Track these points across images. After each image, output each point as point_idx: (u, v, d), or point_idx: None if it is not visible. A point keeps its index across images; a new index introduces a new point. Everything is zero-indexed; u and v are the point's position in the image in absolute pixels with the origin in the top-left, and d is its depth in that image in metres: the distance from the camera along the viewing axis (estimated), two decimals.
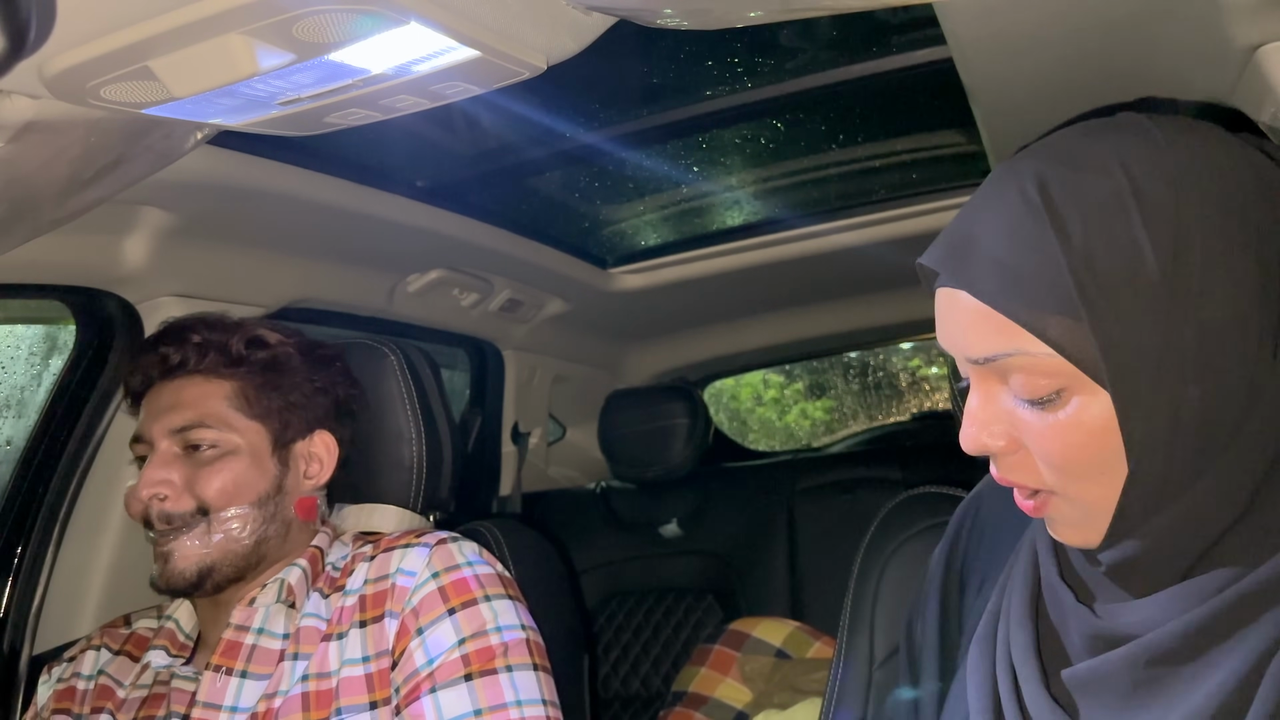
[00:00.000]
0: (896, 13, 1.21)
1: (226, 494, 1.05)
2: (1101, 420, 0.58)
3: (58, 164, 0.90)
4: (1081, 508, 0.62)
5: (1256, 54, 0.82)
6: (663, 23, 0.81)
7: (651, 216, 1.96)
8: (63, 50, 0.70)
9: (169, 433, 1.06)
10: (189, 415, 1.06)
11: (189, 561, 1.03)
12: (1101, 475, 0.60)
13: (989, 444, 0.64)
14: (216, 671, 1.03)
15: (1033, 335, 0.58)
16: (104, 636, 1.15)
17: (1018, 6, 0.87)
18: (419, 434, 1.27)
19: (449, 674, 0.99)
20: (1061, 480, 0.62)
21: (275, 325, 1.18)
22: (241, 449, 1.07)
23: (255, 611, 1.06)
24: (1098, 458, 0.59)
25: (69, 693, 1.11)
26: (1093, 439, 0.59)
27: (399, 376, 1.29)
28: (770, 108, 1.49)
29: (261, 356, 1.12)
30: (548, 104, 1.39)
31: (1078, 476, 0.61)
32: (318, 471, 1.14)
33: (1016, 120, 1.19)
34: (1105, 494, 0.60)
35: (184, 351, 1.09)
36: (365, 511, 1.27)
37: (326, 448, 1.16)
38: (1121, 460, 0.59)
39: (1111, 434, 0.58)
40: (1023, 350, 0.59)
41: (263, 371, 1.11)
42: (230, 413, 1.08)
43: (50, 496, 1.33)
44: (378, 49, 0.73)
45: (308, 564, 1.10)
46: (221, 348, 1.10)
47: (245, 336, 1.12)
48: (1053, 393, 0.59)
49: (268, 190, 1.22)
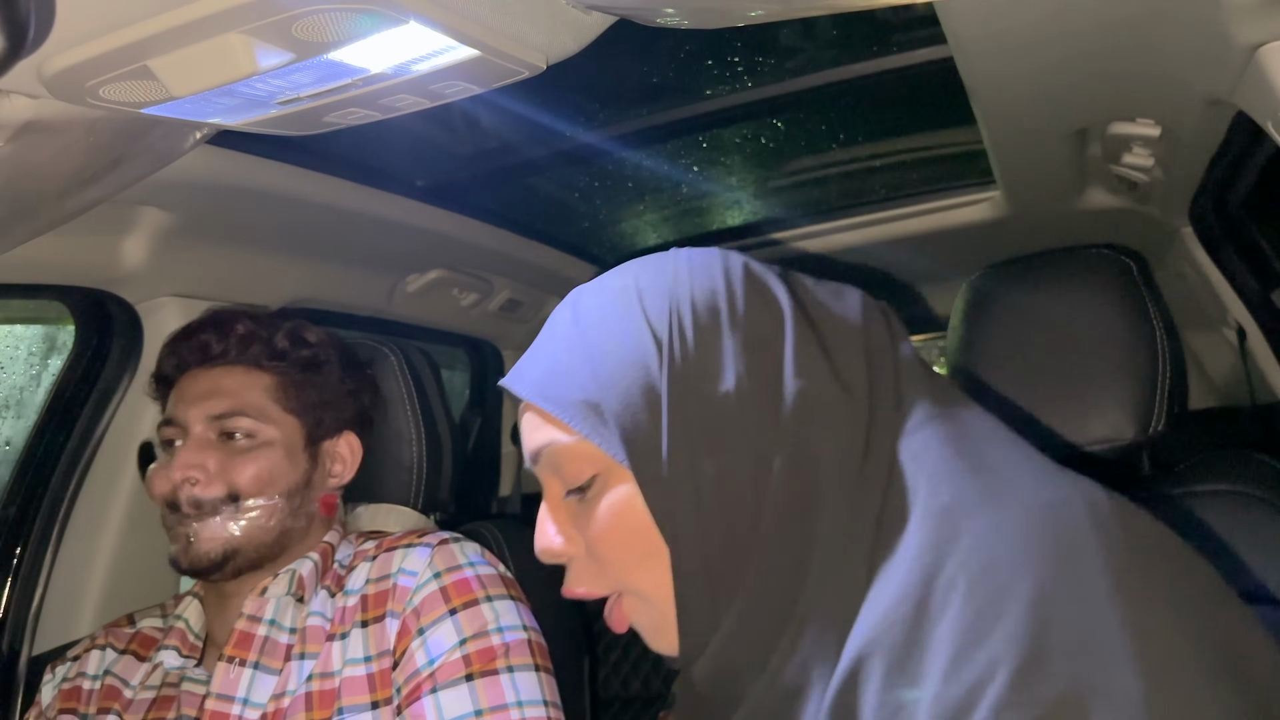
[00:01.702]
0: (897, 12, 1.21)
1: (259, 482, 1.06)
2: (635, 502, 0.63)
3: (57, 164, 0.90)
4: (651, 605, 0.65)
5: (1257, 54, 0.82)
6: (663, 22, 0.81)
7: (651, 216, 1.96)
8: (62, 50, 0.70)
9: (206, 419, 1.07)
10: (228, 403, 1.07)
11: (215, 543, 1.04)
12: (648, 560, 0.63)
13: (555, 544, 0.68)
14: (230, 663, 1.04)
15: (564, 425, 0.65)
16: (108, 636, 1.15)
17: (1018, 6, 0.86)
18: (419, 434, 1.27)
19: (450, 674, 0.98)
20: (619, 573, 0.65)
21: (314, 326, 1.20)
22: (276, 441, 1.09)
23: (267, 602, 1.07)
24: (640, 542, 0.63)
25: (74, 693, 1.11)
26: (631, 521, 0.63)
27: (399, 377, 1.29)
28: (770, 107, 1.48)
29: (303, 354, 1.14)
30: (548, 103, 1.39)
31: (631, 566, 0.64)
32: (341, 471, 1.16)
33: (1016, 120, 1.19)
34: (662, 583, 0.63)
35: (227, 341, 1.11)
36: (377, 512, 1.27)
37: (351, 449, 1.18)
38: (664, 545, 0.62)
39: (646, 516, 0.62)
40: (555, 440, 0.66)
41: (303, 368, 1.13)
42: (269, 404, 1.10)
43: (49, 497, 1.33)
44: (377, 48, 0.73)
45: (319, 558, 1.11)
46: (266, 341, 1.12)
47: (289, 332, 1.14)
48: (589, 479, 0.65)
49: (267, 190, 1.22)
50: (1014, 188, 1.53)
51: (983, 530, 0.53)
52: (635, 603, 0.66)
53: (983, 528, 0.53)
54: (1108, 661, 0.46)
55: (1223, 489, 1.08)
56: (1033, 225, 1.65)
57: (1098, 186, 1.52)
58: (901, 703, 0.51)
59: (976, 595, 0.50)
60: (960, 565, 0.52)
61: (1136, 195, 1.48)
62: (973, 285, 1.24)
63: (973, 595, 0.50)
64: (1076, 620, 0.47)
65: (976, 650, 0.48)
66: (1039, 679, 0.46)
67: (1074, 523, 0.51)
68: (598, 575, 0.67)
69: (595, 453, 0.64)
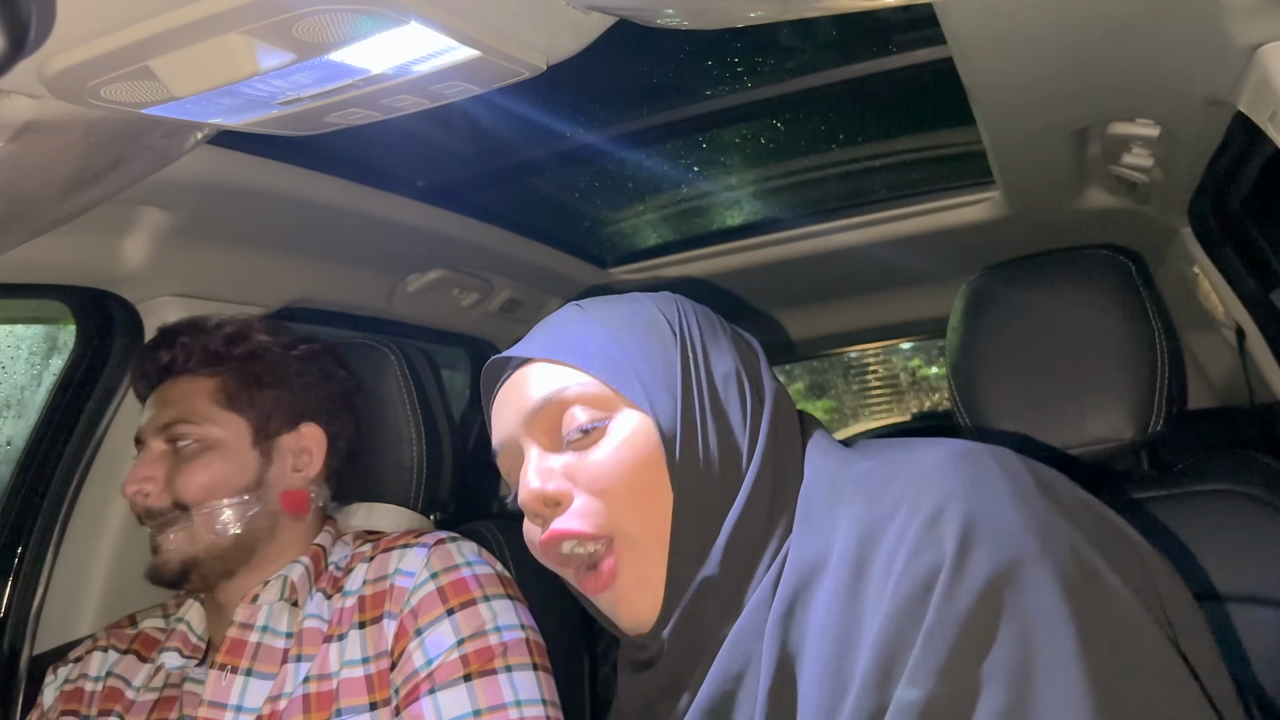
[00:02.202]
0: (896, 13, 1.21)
1: (204, 489, 1.06)
2: (644, 438, 0.70)
3: (58, 164, 0.90)
4: (641, 552, 0.70)
5: (1257, 54, 0.82)
6: (663, 22, 0.81)
7: (651, 216, 1.96)
8: (63, 50, 0.70)
9: (155, 430, 1.09)
10: (172, 412, 1.09)
11: (173, 555, 1.05)
12: (650, 501, 0.69)
13: (550, 491, 0.71)
14: (222, 670, 1.04)
15: (581, 370, 0.72)
16: (110, 637, 1.15)
17: (1018, 6, 0.87)
18: (419, 434, 1.27)
19: (448, 674, 0.98)
20: (618, 513, 0.70)
21: (267, 323, 1.19)
22: (222, 443, 1.09)
23: (259, 609, 1.07)
24: (645, 482, 0.69)
25: (77, 694, 1.11)
26: (639, 455, 0.70)
27: (399, 376, 1.29)
28: (770, 108, 1.49)
29: (240, 352, 1.14)
30: (548, 104, 1.39)
31: (632, 505, 0.69)
32: (306, 464, 1.15)
33: (1016, 120, 1.20)
34: (657, 525, 0.69)
35: (173, 353, 1.13)
36: (369, 510, 1.27)
37: (315, 440, 1.16)
38: (666, 489, 0.69)
39: (654, 456, 0.70)
40: (569, 384, 0.72)
41: (243, 367, 1.13)
42: (210, 408, 1.10)
43: (50, 496, 1.33)
44: (377, 49, 0.73)
45: (310, 561, 1.11)
46: (203, 347, 1.13)
47: (224, 334, 1.15)
48: (599, 419, 0.71)
49: (268, 190, 1.22)
50: (1013, 188, 1.54)
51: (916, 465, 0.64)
52: (626, 550, 0.70)
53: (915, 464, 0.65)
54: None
55: (1222, 489, 1.08)
56: (1032, 225, 1.65)
57: (1097, 187, 1.52)
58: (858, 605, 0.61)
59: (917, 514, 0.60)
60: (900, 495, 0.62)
61: (1136, 195, 1.48)
62: (972, 285, 1.24)
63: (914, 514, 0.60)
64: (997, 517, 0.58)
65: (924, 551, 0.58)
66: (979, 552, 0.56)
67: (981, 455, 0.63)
68: (593, 513, 0.70)
69: (607, 396, 0.72)
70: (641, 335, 0.75)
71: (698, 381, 0.72)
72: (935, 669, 0.55)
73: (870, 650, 0.58)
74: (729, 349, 0.77)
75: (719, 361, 0.75)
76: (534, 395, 0.74)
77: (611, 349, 0.73)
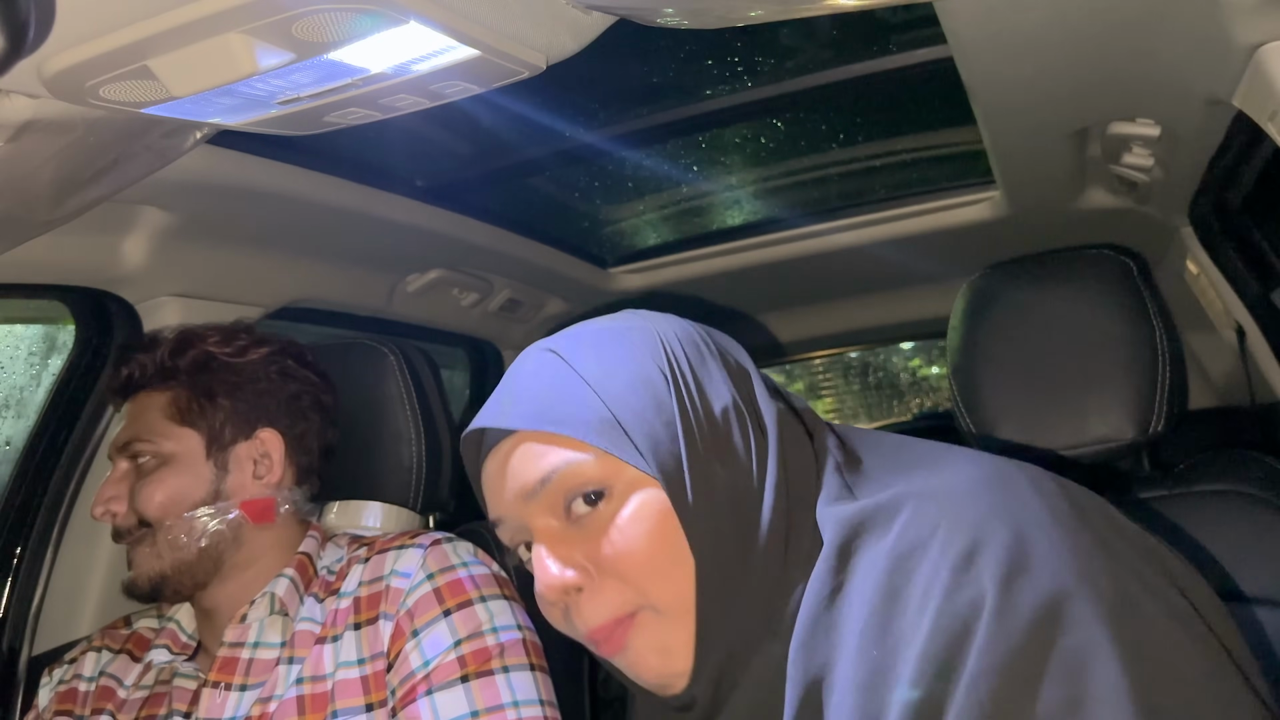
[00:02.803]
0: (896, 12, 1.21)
1: (162, 505, 1.06)
2: (655, 506, 0.66)
3: (57, 163, 0.90)
4: (666, 620, 0.66)
5: (1256, 54, 0.82)
6: (663, 22, 0.81)
7: (651, 216, 1.96)
8: (62, 49, 0.70)
9: (117, 449, 1.10)
10: (130, 430, 1.10)
11: (141, 571, 1.06)
12: (673, 569, 0.66)
13: (570, 580, 0.68)
14: (215, 688, 1.03)
15: (579, 443, 0.67)
16: (104, 638, 1.15)
17: (1018, 7, 0.86)
18: (419, 434, 1.27)
19: (445, 675, 0.98)
20: (641, 585, 0.66)
21: (221, 330, 1.17)
22: (175, 457, 1.08)
23: (249, 628, 1.06)
24: (665, 548, 0.66)
25: (70, 694, 1.11)
26: (656, 527, 0.66)
27: (399, 377, 1.29)
28: (770, 107, 1.48)
29: (187, 364, 1.12)
30: (548, 103, 1.39)
31: (655, 575, 0.66)
32: (268, 470, 1.12)
33: (1016, 120, 1.19)
34: (682, 592, 0.66)
35: (130, 369, 1.13)
36: (352, 509, 1.26)
37: (274, 445, 1.13)
38: (685, 555, 0.66)
39: (669, 522, 0.66)
40: (570, 460, 0.67)
41: (192, 379, 1.12)
42: (163, 422, 1.10)
43: (49, 497, 1.33)
44: (377, 48, 0.73)
45: (296, 573, 1.10)
46: (155, 361, 1.12)
47: (172, 346, 1.13)
48: (604, 493, 0.67)
49: (267, 190, 1.22)
50: (1014, 188, 1.53)
51: (947, 491, 0.62)
52: (648, 620, 0.67)
53: (946, 489, 0.62)
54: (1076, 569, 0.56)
55: (1223, 489, 1.08)
56: (1033, 225, 1.65)
57: (1098, 186, 1.52)
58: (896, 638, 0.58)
59: (952, 547, 0.58)
60: (933, 524, 0.60)
61: (1136, 195, 1.48)
62: (973, 285, 1.24)
63: (948, 547, 0.58)
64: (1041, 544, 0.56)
65: (962, 589, 0.56)
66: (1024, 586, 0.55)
67: (1015, 480, 0.61)
68: (616, 593, 0.67)
69: (613, 467, 0.67)
70: (633, 389, 0.69)
71: (698, 428, 0.68)
72: (982, 715, 0.53)
73: (906, 688, 0.56)
74: (721, 378, 0.72)
75: (716, 397, 0.70)
76: (532, 476, 0.69)
77: (605, 413, 0.68)
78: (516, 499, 0.70)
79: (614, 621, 0.67)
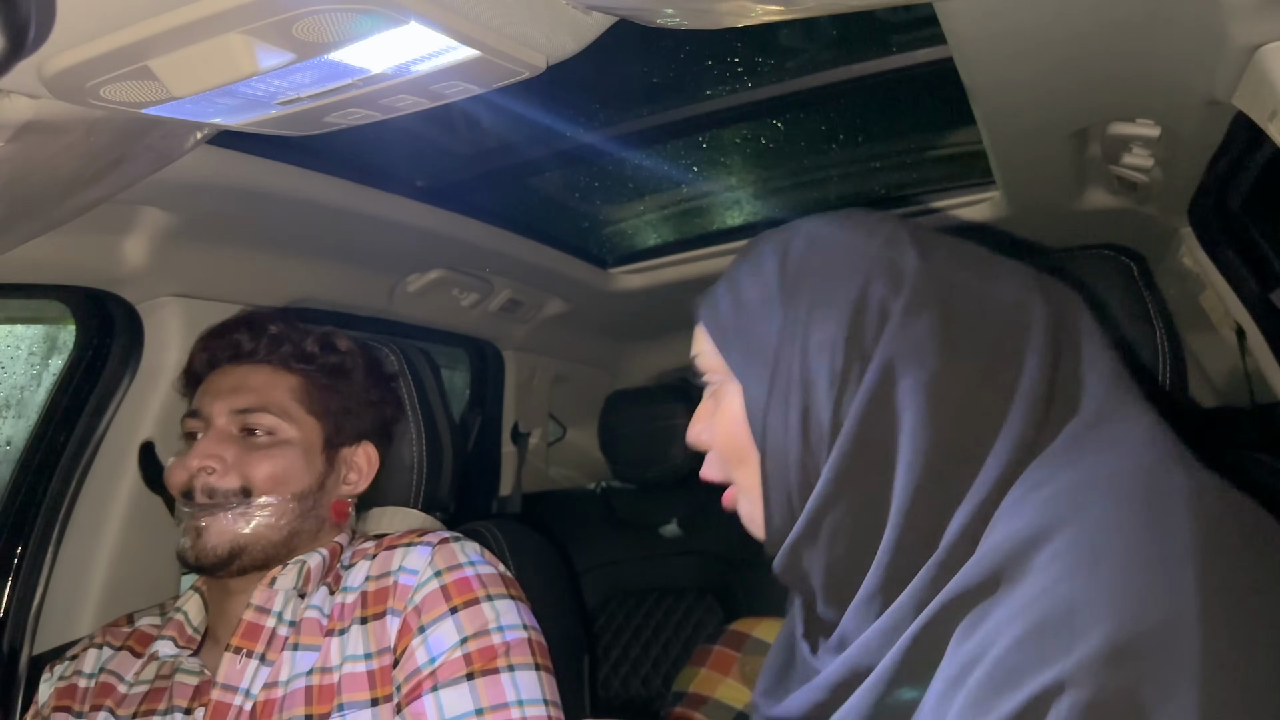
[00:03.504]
0: (896, 12, 1.21)
1: (274, 480, 1.07)
2: (738, 409, 0.76)
3: (57, 164, 0.90)
4: (747, 498, 0.79)
5: (1256, 54, 0.82)
6: (663, 22, 0.81)
7: (651, 216, 1.96)
8: (62, 50, 0.70)
9: (230, 412, 1.09)
10: (253, 399, 1.09)
11: (224, 538, 1.04)
12: (745, 461, 0.77)
13: (695, 437, 0.83)
14: (237, 653, 1.04)
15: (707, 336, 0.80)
16: (106, 635, 1.16)
17: (1018, 6, 0.87)
18: (419, 434, 1.28)
19: (451, 673, 0.99)
20: (728, 466, 0.80)
21: (347, 335, 1.21)
22: (295, 441, 1.10)
23: (276, 594, 1.07)
24: (738, 445, 0.77)
25: (70, 690, 1.11)
26: (734, 425, 0.77)
27: (400, 376, 1.29)
28: (770, 108, 1.49)
29: (331, 360, 1.16)
30: (548, 104, 1.39)
31: (733, 462, 0.79)
32: (356, 480, 1.17)
33: (1016, 120, 1.20)
34: (755, 483, 0.76)
35: (259, 340, 1.14)
36: (383, 515, 1.28)
37: (368, 459, 1.19)
38: (754, 449, 0.75)
39: (743, 430, 0.76)
40: (702, 350, 0.81)
41: (329, 373, 1.15)
42: (292, 404, 1.11)
43: (50, 496, 1.33)
44: (377, 49, 0.73)
45: (328, 554, 1.12)
46: (296, 343, 1.14)
47: (319, 337, 1.17)
48: (716, 387, 0.80)
49: (268, 190, 1.22)
50: (1014, 188, 1.54)
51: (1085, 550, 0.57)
52: (739, 493, 0.80)
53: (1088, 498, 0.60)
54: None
55: None
56: (1032, 226, 1.65)
57: (1097, 187, 1.52)
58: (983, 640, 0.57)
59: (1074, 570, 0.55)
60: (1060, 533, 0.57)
61: (1136, 196, 1.48)
62: None
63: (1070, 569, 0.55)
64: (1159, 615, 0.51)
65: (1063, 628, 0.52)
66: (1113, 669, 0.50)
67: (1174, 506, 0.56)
68: (717, 465, 0.82)
69: (721, 364, 0.79)
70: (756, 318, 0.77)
71: (788, 361, 0.74)
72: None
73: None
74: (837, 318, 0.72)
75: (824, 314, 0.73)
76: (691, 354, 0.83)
77: (733, 324, 0.79)
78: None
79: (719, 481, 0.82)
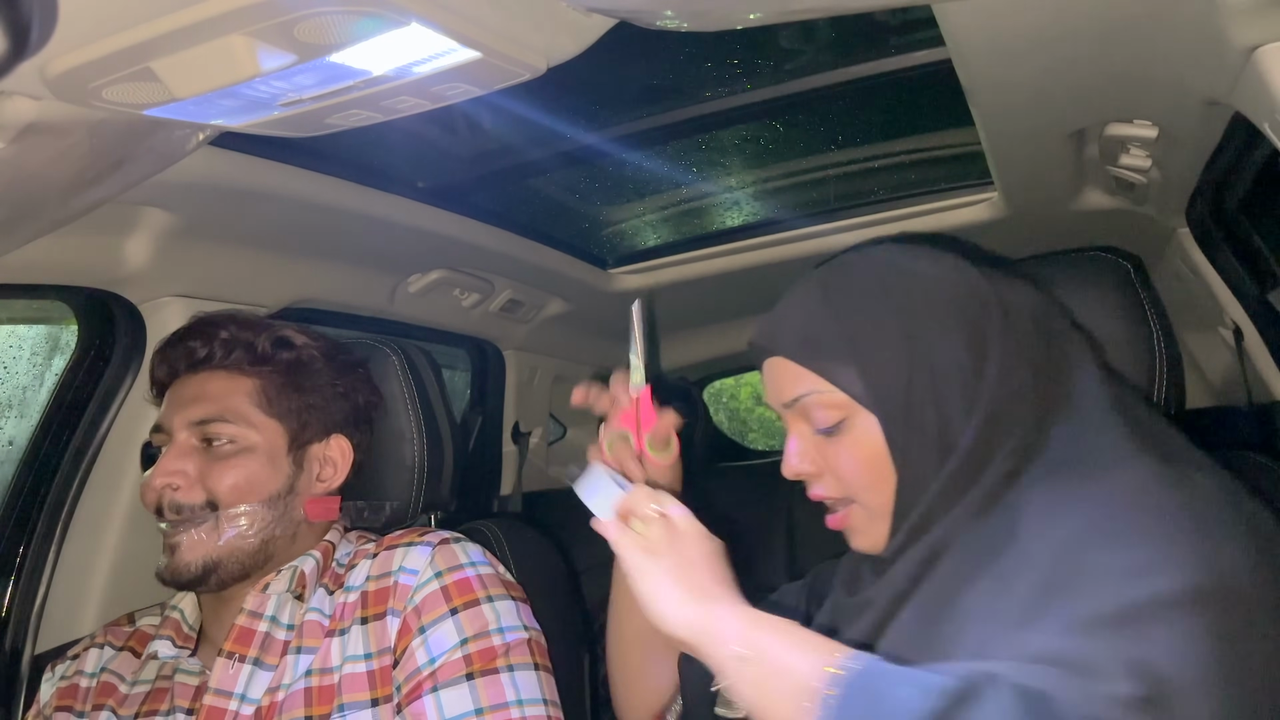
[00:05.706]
0: (896, 14, 1.21)
1: (238, 490, 1.05)
2: (873, 439, 0.83)
3: (60, 165, 0.90)
4: (870, 514, 0.86)
5: (1256, 54, 0.82)
6: (663, 24, 0.81)
7: (651, 217, 1.96)
8: (65, 51, 0.71)
9: (189, 424, 1.07)
10: (210, 409, 1.07)
11: (195, 555, 1.04)
12: (880, 483, 0.83)
13: (800, 469, 0.88)
14: (229, 659, 1.04)
15: (820, 378, 0.84)
16: (107, 635, 1.16)
17: (1017, 8, 0.87)
18: (420, 434, 1.28)
19: (451, 673, 0.99)
20: (855, 490, 0.86)
21: (301, 328, 1.19)
22: (258, 446, 1.08)
23: (268, 598, 1.07)
24: (875, 468, 0.83)
25: (71, 690, 1.11)
26: (870, 454, 0.83)
27: (400, 377, 1.29)
28: (770, 109, 1.49)
29: (286, 357, 1.13)
30: (548, 105, 1.40)
31: (866, 486, 0.84)
32: (331, 475, 1.15)
33: (1014, 121, 1.20)
34: (884, 499, 0.84)
35: (211, 346, 1.11)
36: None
37: (341, 452, 1.16)
38: (891, 470, 0.83)
39: (882, 450, 0.83)
40: (815, 390, 0.85)
41: (286, 371, 1.12)
42: (250, 409, 1.09)
43: (52, 496, 1.33)
44: (379, 50, 0.73)
45: (321, 556, 1.11)
46: (248, 345, 1.11)
47: (272, 336, 1.13)
48: (838, 421, 0.84)
49: (269, 191, 1.22)
50: (1012, 189, 1.54)
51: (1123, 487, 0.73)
52: (858, 510, 0.86)
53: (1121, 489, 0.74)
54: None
55: None
56: (1030, 226, 1.65)
57: (1095, 187, 1.52)
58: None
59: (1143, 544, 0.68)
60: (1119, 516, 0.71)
61: (1134, 196, 1.48)
62: None
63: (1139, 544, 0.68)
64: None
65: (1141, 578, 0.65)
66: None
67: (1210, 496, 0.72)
68: (835, 487, 0.87)
69: (845, 401, 0.83)
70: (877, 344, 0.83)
71: (920, 379, 0.81)
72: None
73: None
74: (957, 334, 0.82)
75: (943, 352, 0.81)
76: (787, 392, 0.87)
77: (849, 357, 0.83)
78: (777, 400, 0.90)
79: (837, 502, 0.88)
